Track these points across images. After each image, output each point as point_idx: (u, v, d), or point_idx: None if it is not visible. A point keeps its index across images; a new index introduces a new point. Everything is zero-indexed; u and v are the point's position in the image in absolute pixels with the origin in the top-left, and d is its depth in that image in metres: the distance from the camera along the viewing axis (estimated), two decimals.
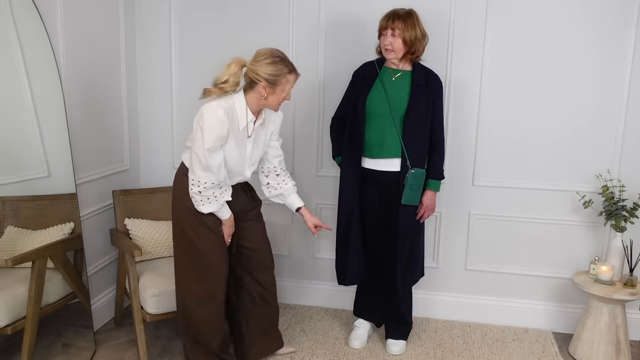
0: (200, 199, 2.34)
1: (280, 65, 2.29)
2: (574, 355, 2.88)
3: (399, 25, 2.55)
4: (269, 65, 2.27)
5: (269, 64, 2.27)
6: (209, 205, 2.36)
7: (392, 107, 2.64)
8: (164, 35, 3.27)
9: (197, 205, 2.36)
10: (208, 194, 2.33)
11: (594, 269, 2.89)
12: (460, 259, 3.21)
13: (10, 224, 2.46)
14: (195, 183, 2.32)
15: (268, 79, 2.28)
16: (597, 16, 2.85)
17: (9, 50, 2.39)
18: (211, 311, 2.50)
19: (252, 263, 2.62)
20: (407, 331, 2.95)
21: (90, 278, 2.96)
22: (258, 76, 2.28)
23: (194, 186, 2.32)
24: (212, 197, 2.34)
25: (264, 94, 2.31)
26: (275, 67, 2.27)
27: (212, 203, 2.36)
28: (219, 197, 2.37)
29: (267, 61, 2.27)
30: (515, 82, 2.98)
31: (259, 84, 2.30)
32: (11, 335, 2.33)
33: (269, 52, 2.30)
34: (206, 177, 2.30)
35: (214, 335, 2.54)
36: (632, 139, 2.93)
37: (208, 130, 2.25)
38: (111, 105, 3.12)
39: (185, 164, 2.43)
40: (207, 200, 2.35)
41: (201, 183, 2.31)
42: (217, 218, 2.45)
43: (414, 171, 2.63)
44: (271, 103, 2.36)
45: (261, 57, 2.28)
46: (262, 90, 2.30)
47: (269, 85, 2.29)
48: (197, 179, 2.31)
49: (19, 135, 2.47)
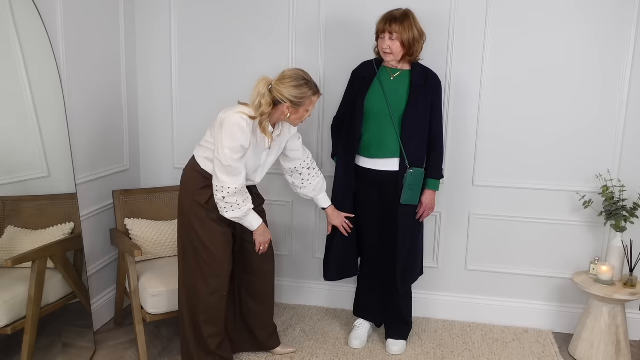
0: (224, 206, 2.37)
1: (305, 89, 2.35)
2: (574, 355, 2.88)
3: (396, 29, 2.55)
4: (294, 88, 2.32)
5: (294, 87, 2.33)
6: (233, 213, 2.39)
7: (391, 107, 2.64)
8: (164, 35, 3.27)
9: (222, 211, 2.39)
10: (232, 201, 2.36)
11: (594, 269, 2.89)
12: (460, 259, 3.21)
13: (10, 224, 2.46)
14: (219, 189, 2.35)
15: (293, 100, 2.34)
16: (597, 16, 2.85)
17: (9, 50, 2.39)
18: (214, 307, 2.52)
19: (253, 260, 2.63)
20: (407, 331, 2.95)
21: (90, 278, 2.96)
22: (282, 97, 2.33)
23: (218, 192, 2.35)
24: (235, 204, 2.37)
25: (287, 113, 2.38)
26: (300, 91, 2.33)
27: (235, 210, 2.38)
28: (242, 205, 2.39)
29: (292, 84, 2.33)
30: (515, 82, 2.98)
31: (282, 104, 2.34)
32: (11, 335, 2.33)
33: (295, 74, 2.36)
34: (230, 182, 2.33)
35: (214, 332, 2.55)
36: (632, 139, 2.93)
37: (232, 139, 2.29)
38: (111, 105, 3.12)
39: (197, 160, 2.46)
40: (230, 208, 2.37)
41: (224, 188, 2.33)
42: (224, 220, 2.46)
43: (412, 171, 2.63)
44: (292, 121, 2.43)
45: (287, 80, 2.34)
46: (285, 110, 2.37)
47: (292, 107, 2.35)
48: (220, 184, 2.34)
49: (19, 135, 2.47)
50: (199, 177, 2.44)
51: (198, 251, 2.46)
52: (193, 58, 3.26)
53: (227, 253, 2.51)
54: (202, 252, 2.46)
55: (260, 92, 2.32)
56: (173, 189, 3.20)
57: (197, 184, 2.44)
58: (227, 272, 2.52)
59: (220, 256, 2.47)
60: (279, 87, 2.33)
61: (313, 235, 3.34)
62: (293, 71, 2.38)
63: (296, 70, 2.38)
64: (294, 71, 2.38)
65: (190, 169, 2.49)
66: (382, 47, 2.61)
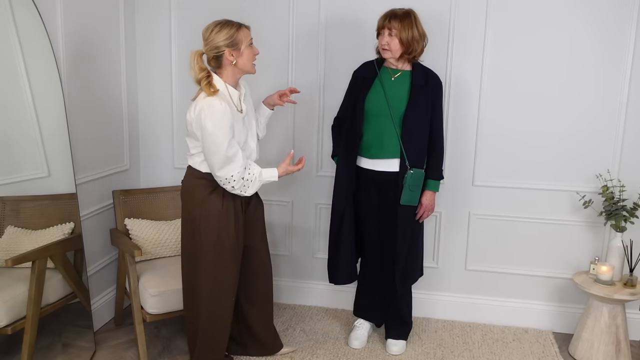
0: (240, 190, 2.37)
1: (227, 27, 2.32)
2: (574, 355, 2.88)
3: (395, 25, 2.55)
4: (218, 33, 2.31)
5: (218, 32, 2.31)
6: (252, 188, 2.40)
7: (391, 107, 2.63)
8: (164, 35, 3.27)
9: (242, 194, 2.39)
10: (240, 184, 2.35)
11: (594, 269, 2.89)
12: (460, 259, 3.21)
13: (10, 224, 2.45)
14: (224, 182, 2.34)
15: (227, 43, 2.31)
16: (597, 16, 2.85)
17: (9, 50, 2.39)
18: (224, 311, 2.51)
19: (252, 263, 2.62)
20: (407, 331, 2.95)
21: (90, 278, 2.96)
22: (218, 48, 2.31)
23: (226, 185, 2.35)
24: (246, 182, 2.37)
25: (232, 59, 2.34)
26: (225, 31, 2.31)
27: (250, 187, 2.39)
28: (252, 177, 2.38)
29: (215, 31, 2.31)
30: (515, 82, 2.98)
31: (223, 55, 2.33)
32: (11, 335, 2.33)
33: (212, 23, 2.34)
34: (230, 170, 2.31)
35: (222, 336, 2.55)
36: (632, 139, 2.93)
37: (218, 127, 2.26)
38: (111, 105, 3.12)
39: (196, 167, 2.42)
40: (245, 188, 2.38)
41: (229, 179, 2.33)
42: (237, 218, 2.45)
43: (412, 171, 2.63)
44: (245, 65, 2.38)
45: (208, 32, 2.32)
46: (229, 57, 2.33)
47: (232, 49, 2.32)
48: (222, 178, 2.33)
49: (19, 135, 2.47)
50: (204, 182, 2.40)
51: (212, 254, 2.43)
52: None
53: (238, 256, 2.50)
54: (216, 259, 2.43)
55: (192, 65, 2.32)
56: (173, 189, 3.20)
57: (205, 190, 2.40)
58: (237, 275, 2.52)
59: (234, 264, 2.48)
60: (208, 44, 2.32)
61: (313, 235, 3.34)
62: (206, 26, 2.35)
63: (209, 23, 2.36)
64: (207, 26, 2.35)
65: (192, 178, 2.45)
66: (381, 43, 2.62)
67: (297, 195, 3.31)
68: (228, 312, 2.54)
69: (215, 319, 2.50)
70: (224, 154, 2.28)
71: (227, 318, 2.55)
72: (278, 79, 3.17)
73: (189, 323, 2.57)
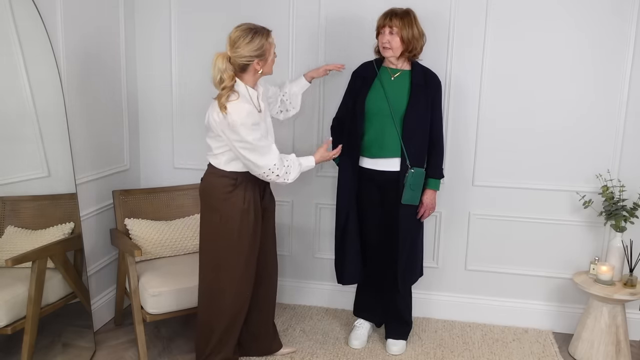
0: (283, 177, 2.42)
1: (258, 37, 2.32)
2: (574, 355, 2.88)
3: (396, 23, 2.56)
4: (250, 44, 2.31)
5: (249, 42, 2.30)
6: (291, 174, 2.45)
7: (392, 107, 2.64)
8: (164, 36, 3.27)
9: (285, 182, 2.45)
10: (282, 171, 2.41)
11: (594, 269, 2.89)
12: (460, 259, 3.21)
13: (10, 224, 2.45)
14: (269, 173, 2.38)
15: (257, 54, 2.33)
16: (597, 15, 2.85)
17: (9, 50, 2.38)
18: (242, 308, 2.55)
19: (260, 263, 2.63)
20: (407, 331, 2.95)
21: (90, 278, 2.96)
22: (247, 58, 2.32)
23: (270, 175, 2.40)
24: (287, 168, 2.43)
25: (258, 69, 2.37)
26: (256, 42, 2.31)
27: (291, 172, 2.45)
28: (290, 162, 2.45)
29: (246, 41, 2.30)
30: (515, 81, 2.98)
31: (251, 64, 2.34)
32: (11, 335, 2.33)
33: (242, 32, 2.32)
34: (270, 160, 2.37)
35: (237, 332, 2.58)
36: (632, 139, 2.93)
37: (245, 127, 2.30)
38: (111, 105, 3.12)
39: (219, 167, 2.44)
40: (286, 175, 2.43)
41: (271, 168, 2.38)
42: (257, 216, 2.48)
43: (413, 171, 2.63)
44: (267, 70, 2.43)
45: (239, 41, 2.31)
46: (256, 66, 2.36)
47: (260, 59, 2.35)
48: (266, 169, 2.37)
49: (19, 135, 2.47)
50: (226, 181, 2.42)
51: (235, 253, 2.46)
52: (193, 58, 3.26)
53: (256, 254, 2.55)
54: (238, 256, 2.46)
55: (220, 68, 2.31)
56: (173, 189, 3.20)
57: (226, 188, 2.42)
58: (254, 274, 2.56)
59: (254, 261, 2.52)
60: (236, 52, 2.32)
61: (313, 235, 3.34)
62: (238, 30, 2.33)
63: (240, 27, 2.34)
64: (238, 30, 2.33)
65: (213, 177, 2.46)
66: (381, 41, 2.62)
67: (297, 195, 3.31)
68: (245, 309, 2.58)
69: (235, 316, 2.54)
70: (260, 147, 2.34)
71: (243, 315, 2.59)
72: (278, 78, 3.16)
73: (204, 321, 2.55)
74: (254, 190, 2.48)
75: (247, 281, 2.53)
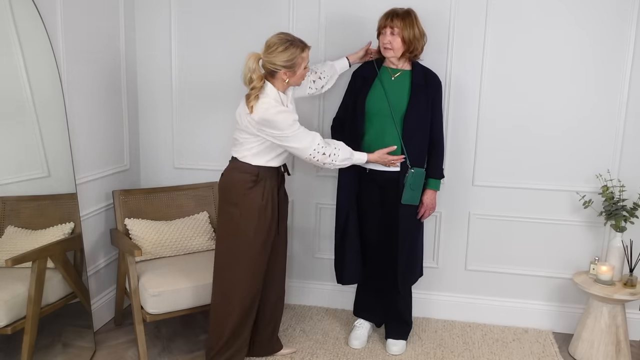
0: (332, 158, 2.46)
1: (293, 49, 2.35)
2: (574, 355, 2.88)
3: (397, 24, 2.56)
4: (282, 53, 2.34)
5: (282, 51, 2.34)
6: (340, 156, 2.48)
7: (392, 107, 2.64)
8: (164, 34, 3.27)
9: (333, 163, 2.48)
10: (330, 150, 2.45)
11: (594, 269, 2.89)
12: (460, 259, 3.21)
13: (10, 224, 2.45)
14: (314, 154, 2.43)
15: (286, 65, 2.36)
16: (597, 16, 2.85)
17: (9, 49, 2.38)
18: (255, 302, 2.57)
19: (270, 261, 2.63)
20: (407, 331, 2.95)
21: (90, 278, 2.96)
22: (275, 66, 2.36)
23: (316, 156, 2.43)
24: (335, 149, 2.47)
25: (285, 79, 2.40)
26: (289, 52, 2.35)
27: (339, 155, 2.48)
28: (339, 146, 2.50)
29: (280, 49, 2.34)
30: (515, 82, 2.98)
31: (278, 72, 2.37)
32: (11, 335, 2.32)
33: (279, 39, 2.36)
34: (313, 140, 2.42)
35: (247, 328, 2.59)
36: (632, 139, 2.93)
37: (279, 118, 2.35)
38: (111, 105, 3.11)
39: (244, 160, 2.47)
40: (334, 155, 2.46)
41: (317, 148, 2.42)
42: (274, 213, 2.51)
43: (413, 171, 2.64)
44: (294, 82, 2.46)
45: (273, 48, 2.35)
46: (283, 76, 2.39)
47: (288, 70, 2.37)
48: (310, 149, 2.42)
49: (19, 135, 2.47)
50: (247, 177, 2.45)
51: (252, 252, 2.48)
52: (193, 58, 3.26)
53: (268, 252, 2.57)
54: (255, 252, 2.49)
55: (250, 67, 2.35)
56: (173, 189, 3.20)
57: (246, 185, 2.45)
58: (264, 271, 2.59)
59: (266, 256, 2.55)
60: (268, 57, 2.36)
61: (313, 235, 3.34)
62: (276, 37, 2.38)
63: (279, 35, 2.38)
64: (277, 37, 2.38)
65: (235, 172, 2.48)
66: (383, 42, 2.62)
67: (298, 195, 3.31)
68: (256, 304, 2.61)
69: (247, 310, 2.55)
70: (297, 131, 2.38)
71: (255, 310, 2.62)
72: None
73: (217, 316, 2.56)
74: (272, 188, 2.50)
75: (260, 276, 2.55)
